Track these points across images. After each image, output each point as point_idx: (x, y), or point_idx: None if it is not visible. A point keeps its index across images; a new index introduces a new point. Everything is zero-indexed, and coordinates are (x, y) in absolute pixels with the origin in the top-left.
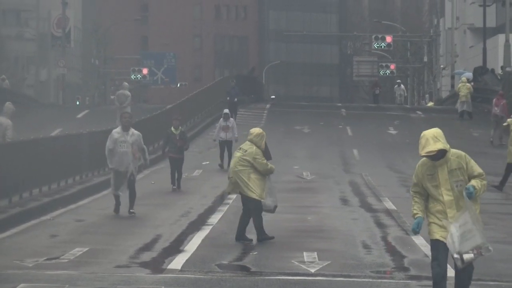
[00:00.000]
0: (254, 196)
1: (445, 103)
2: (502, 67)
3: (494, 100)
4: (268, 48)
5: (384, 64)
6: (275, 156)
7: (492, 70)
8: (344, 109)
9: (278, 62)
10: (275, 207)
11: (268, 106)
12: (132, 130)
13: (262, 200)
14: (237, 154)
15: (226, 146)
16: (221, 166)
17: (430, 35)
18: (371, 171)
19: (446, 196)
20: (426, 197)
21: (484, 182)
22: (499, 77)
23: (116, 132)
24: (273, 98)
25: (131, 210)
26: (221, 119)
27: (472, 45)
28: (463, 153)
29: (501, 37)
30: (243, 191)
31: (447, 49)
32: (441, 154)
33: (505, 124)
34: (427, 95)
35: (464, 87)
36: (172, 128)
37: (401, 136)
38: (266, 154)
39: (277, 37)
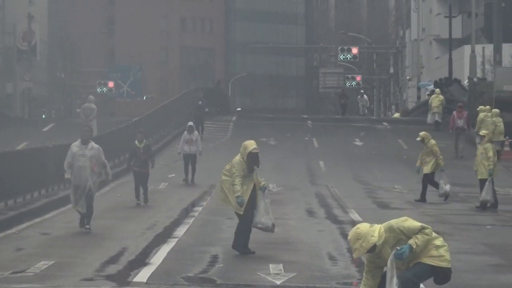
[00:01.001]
0: (231, 207)
1: (411, 114)
2: (468, 78)
3: (454, 112)
4: (235, 60)
5: (350, 76)
6: None
7: (458, 81)
8: (310, 121)
9: (245, 74)
10: (273, 225)
11: (234, 118)
12: (92, 144)
13: (259, 218)
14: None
15: (190, 160)
16: (185, 180)
17: (396, 46)
18: (337, 182)
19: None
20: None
21: (426, 231)
22: (466, 88)
23: (75, 145)
24: (239, 110)
25: (86, 226)
26: (185, 132)
27: (438, 56)
28: (394, 225)
29: (467, 48)
30: (226, 201)
31: (413, 60)
32: (373, 248)
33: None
34: (393, 106)
35: (436, 99)
36: (136, 142)
37: (367, 147)
38: (249, 164)
39: (243, 50)
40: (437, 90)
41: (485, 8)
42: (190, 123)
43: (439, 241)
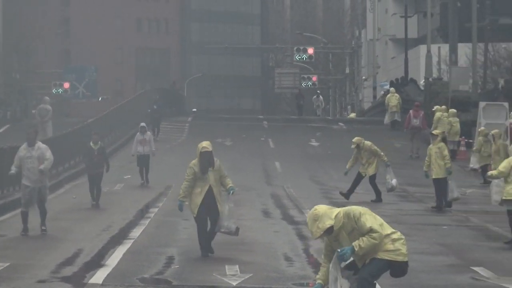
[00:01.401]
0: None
1: (367, 114)
2: (424, 78)
3: (411, 111)
4: (190, 61)
5: (306, 76)
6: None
7: (414, 81)
8: (266, 121)
9: (200, 75)
10: (237, 229)
11: (189, 119)
12: (38, 144)
13: (222, 222)
14: None
15: (144, 160)
16: (142, 183)
17: (351, 46)
18: (293, 183)
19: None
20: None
21: (374, 235)
22: (421, 88)
23: (22, 148)
24: (195, 111)
25: (42, 227)
26: (138, 133)
27: (394, 56)
28: (352, 213)
29: (423, 48)
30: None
31: (368, 60)
32: (330, 230)
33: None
34: (349, 107)
35: (393, 98)
36: (91, 143)
37: (323, 147)
38: (202, 164)
39: (199, 50)
40: (392, 89)
41: (440, 8)
42: (142, 124)
43: (396, 235)
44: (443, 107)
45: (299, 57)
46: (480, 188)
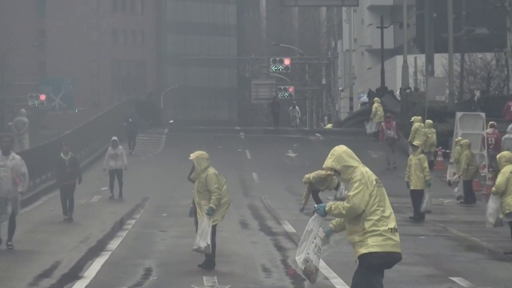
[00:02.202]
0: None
1: (344, 125)
2: (400, 89)
3: (383, 123)
4: (166, 72)
5: (282, 87)
6: (173, 181)
7: (391, 92)
8: (243, 133)
9: (176, 86)
10: (207, 246)
11: (166, 130)
12: (13, 154)
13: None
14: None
15: (116, 174)
16: (111, 197)
17: (328, 57)
18: (271, 194)
19: None
20: None
21: (345, 206)
22: (398, 98)
23: None
24: (171, 123)
25: (8, 243)
26: (110, 147)
27: (370, 66)
28: (356, 175)
29: (399, 58)
30: None
31: (345, 71)
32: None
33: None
34: (325, 117)
35: (381, 108)
36: (62, 154)
37: (300, 158)
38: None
39: (175, 61)
40: (377, 99)
41: (417, 18)
42: (114, 138)
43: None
44: (419, 117)
45: (276, 68)
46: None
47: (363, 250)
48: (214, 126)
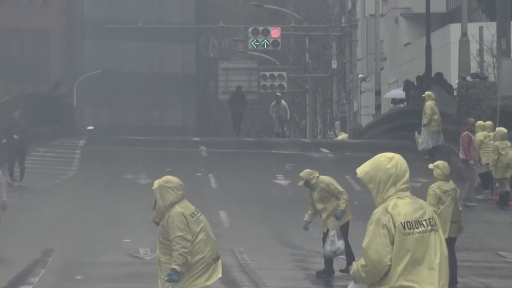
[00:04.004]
0: None
1: (366, 135)
2: (459, 77)
3: (466, 133)
4: (83, 50)
5: (268, 74)
6: (92, 223)
7: (441, 79)
8: (205, 146)
9: (99, 72)
10: None
11: (82, 143)
12: None
13: None
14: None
15: None
16: None
17: (341, 26)
18: (249, 245)
19: None
20: None
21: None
22: (454, 92)
23: None
24: (90, 130)
25: None
26: None
27: (409, 41)
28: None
29: (455, 29)
30: None
31: (368, 49)
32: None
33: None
34: (337, 122)
35: (437, 109)
36: None
37: (295, 188)
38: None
39: (96, 33)
40: (430, 93)
41: None
42: None
43: None
44: (488, 123)
45: (257, 44)
46: None
47: None
48: (159, 135)
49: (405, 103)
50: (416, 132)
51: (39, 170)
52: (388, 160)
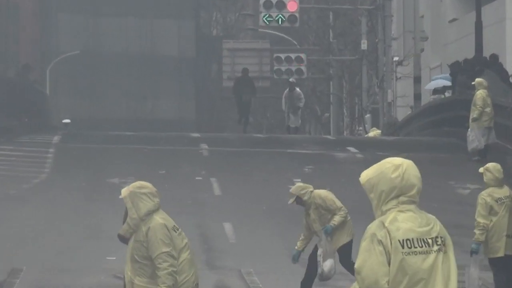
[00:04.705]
0: None
1: (404, 131)
2: None
3: None
4: (57, 26)
5: (283, 56)
6: (72, 236)
7: (497, 63)
8: (206, 144)
9: (77, 53)
10: None
11: (56, 139)
12: None
13: None
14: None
15: None
16: None
17: None
18: (259, 264)
19: None
20: None
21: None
22: (510, 80)
23: None
24: (66, 124)
25: None
26: None
27: (455, 17)
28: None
29: (510, 3)
30: None
31: (405, 26)
32: None
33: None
34: (367, 115)
35: (490, 100)
36: None
37: None
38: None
39: (74, 6)
40: (482, 81)
41: None
42: None
43: None
44: None
45: (270, 19)
46: None
47: None
48: (151, 130)
49: (450, 91)
50: (469, 130)
51: (4, 172)
52: (394, 168)
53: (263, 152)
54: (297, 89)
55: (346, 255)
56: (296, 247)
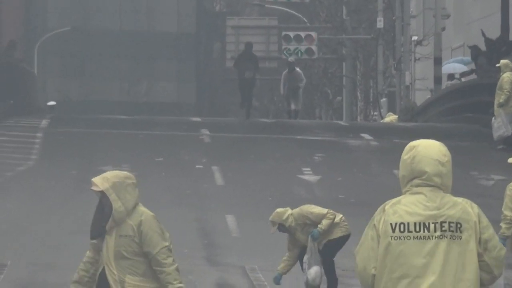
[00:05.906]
0: None
1: (423, 117)
2: None
3: None
4: (46, 1)
5: (292, 35)
6: (60, 229)
7: None
8: (207, 130)
9: (67, 29)
10: None
11: (45, 123)
12: None
13: None
14: None
15: None
16: None
17: None
18: (264, 260)
19: None
20: None
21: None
22: None
23: None
24: (52, 107)
25: None
26: None
27: None
28: None
29: None
30: None
31: (425, 3)
32: None
33: None
34: (383, 100)
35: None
36: None
37: (328, 185)
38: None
39: None
40: (508, 62)
41: None
42: None
43: None
44: None
45: None
46: None
47: None
48: (148, 114)
49: (473, 74)
50: (493, 119)
51: None
52: (408, 149)
53: (270, 138)
54: (297, 69)
55: (329, 251)
56: (278, 270)
